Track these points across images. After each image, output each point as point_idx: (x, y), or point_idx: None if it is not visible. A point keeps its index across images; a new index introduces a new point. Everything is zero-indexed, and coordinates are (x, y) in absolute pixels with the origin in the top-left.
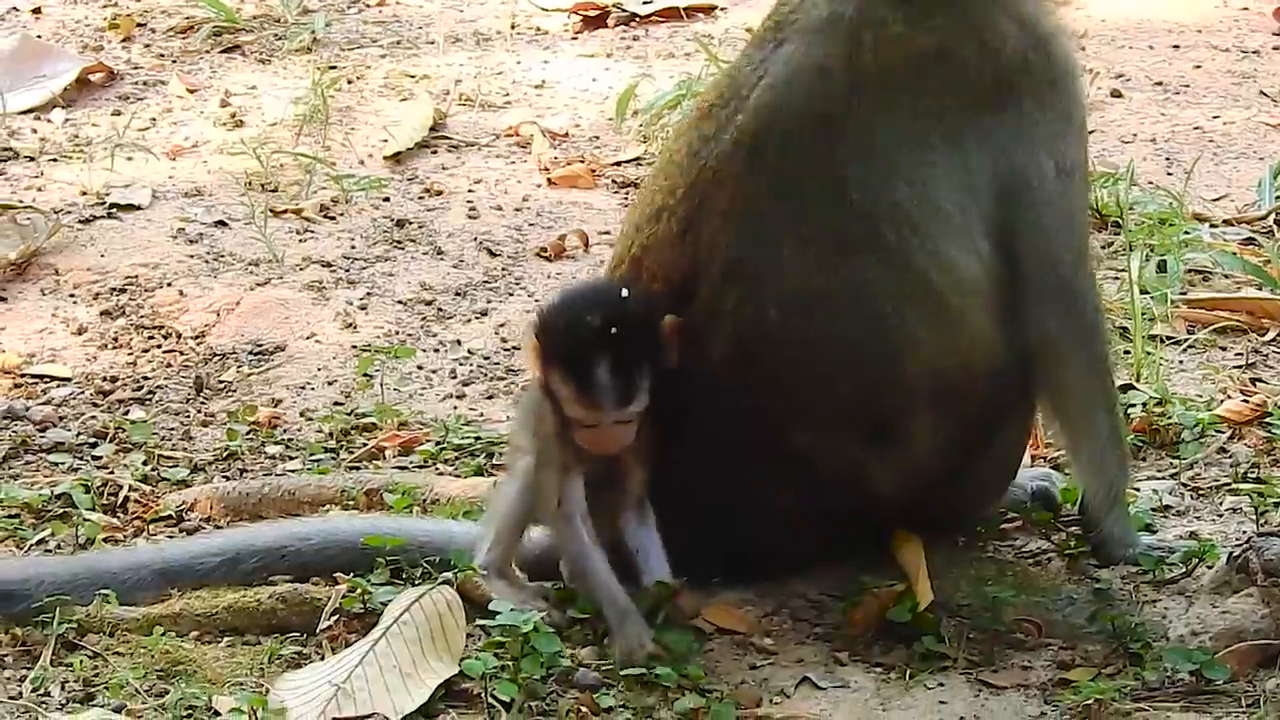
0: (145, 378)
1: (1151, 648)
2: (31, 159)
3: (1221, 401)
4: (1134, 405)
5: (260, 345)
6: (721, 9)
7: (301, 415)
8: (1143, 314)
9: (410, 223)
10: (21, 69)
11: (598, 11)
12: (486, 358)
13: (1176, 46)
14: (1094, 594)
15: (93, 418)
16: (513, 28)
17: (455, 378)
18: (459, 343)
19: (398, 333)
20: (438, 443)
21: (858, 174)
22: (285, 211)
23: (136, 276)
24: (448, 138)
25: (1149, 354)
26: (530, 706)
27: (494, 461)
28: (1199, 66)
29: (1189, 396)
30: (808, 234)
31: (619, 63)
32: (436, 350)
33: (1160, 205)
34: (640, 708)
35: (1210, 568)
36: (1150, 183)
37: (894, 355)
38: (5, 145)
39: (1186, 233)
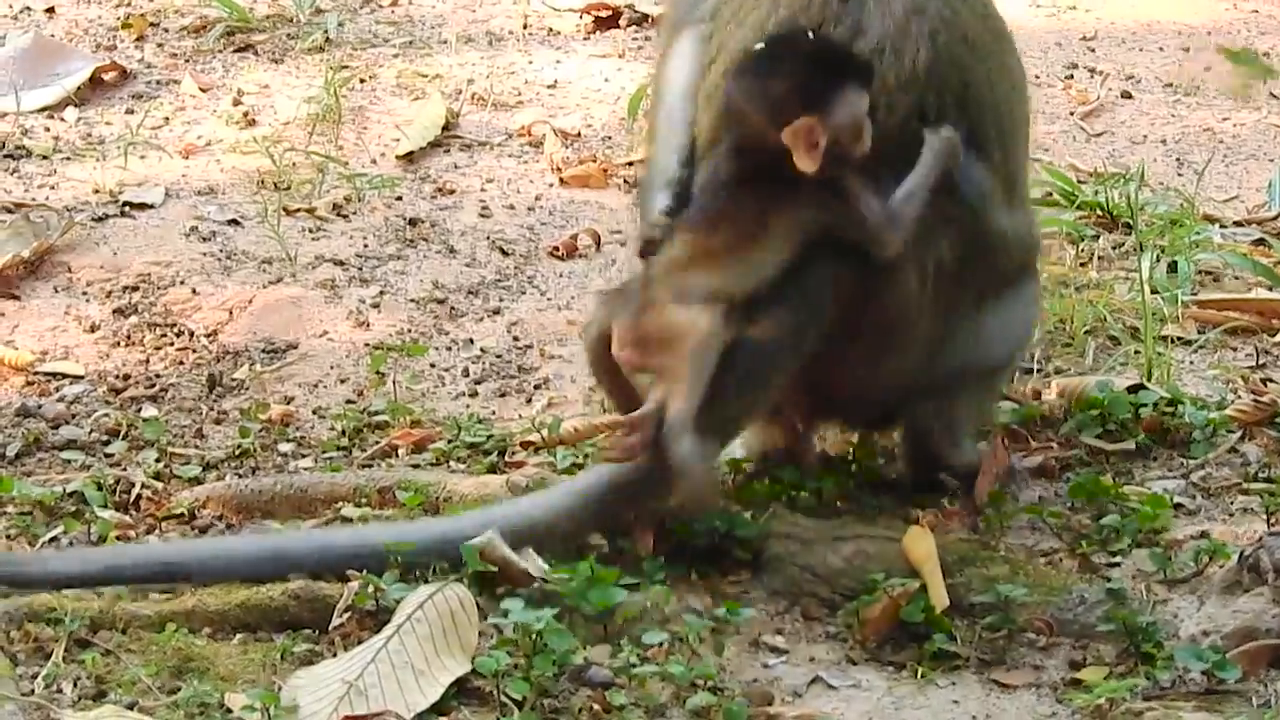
0: (158, 375)
1: (1163, 647)
2: (45, 157)
3: (1232, 401)
4: (1145, 405)
5: (273, 343)
6: None
7: (314, 413)
8: (1153, 314)
9: (423, 221)
10: (35, 68)
11: (610, 12)
12: (499, 356)
13: (1187, 49)
14: (1106, 593)
15: (105, 415)
16: (525, 28)
17: (468, 376)
18: (471, 341)
19: (410, 331)
20: (450, 440)
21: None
22: (298, 210)
23: (149, 274)
24: (460, 137)
25: (1160, 354)
26: (542, 704)
27: (506, 459)
28: (1209, 68)
29: (1200, 396)
30: None
31: (631, 63)
32: (449, 348)
33: (1171, 206)
34: (652, 705)
35: (1222, 567)
36: (1161, 184)
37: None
38: (19, 144)
39: (1197, 234)
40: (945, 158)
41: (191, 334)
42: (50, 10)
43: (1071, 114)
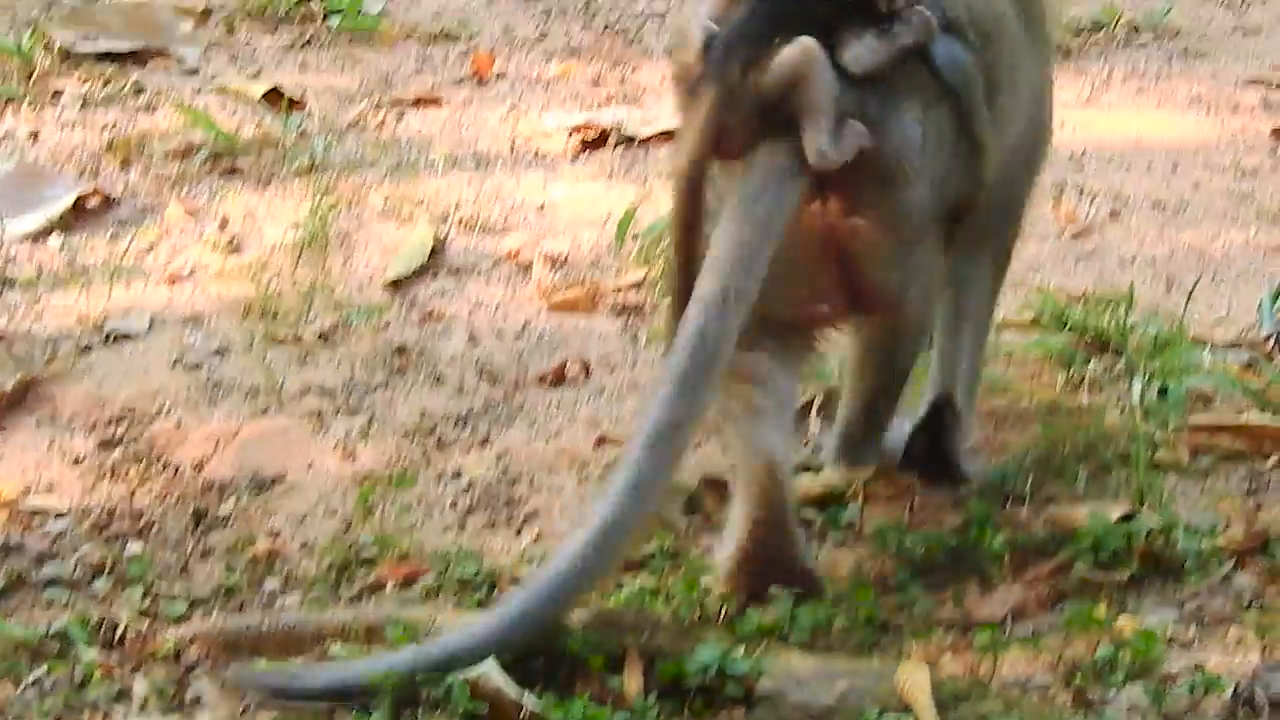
0: (143, 510)
1: None
2: (29, 286)
3: (1225, 529)
4: (1137, 534)
5: (259, 476)
6: None
7: (301, 548)
8: (1145, 440)
9: (410, 349)
10: (19, 194)
11: (597, 133)
12: (487, 487)
13: (1175, 166)
14: None
15: (90, 551)
16: (512, 150)
17: (456, 508)
18: (459, 473)
19: (398, 462)
20: (439, 575)
21: None
22: (285, 338)
23: (134, 406)
24: (447, 262)
25: (1152, 481)
26: None
27: (494, 595)
28: (1197, 186)
29: (1193, 524)
30: None
31: (619, 185)
32: (437, 479)
33: (1160, 328)
34: None
35: (1217, 700)
36: (1151, 305)
37: None
38: (1, 273)
39: (1187, 357)
40: (915, 29)
41: (177, 467)
42: (34, 135)
43: (1061, 234)
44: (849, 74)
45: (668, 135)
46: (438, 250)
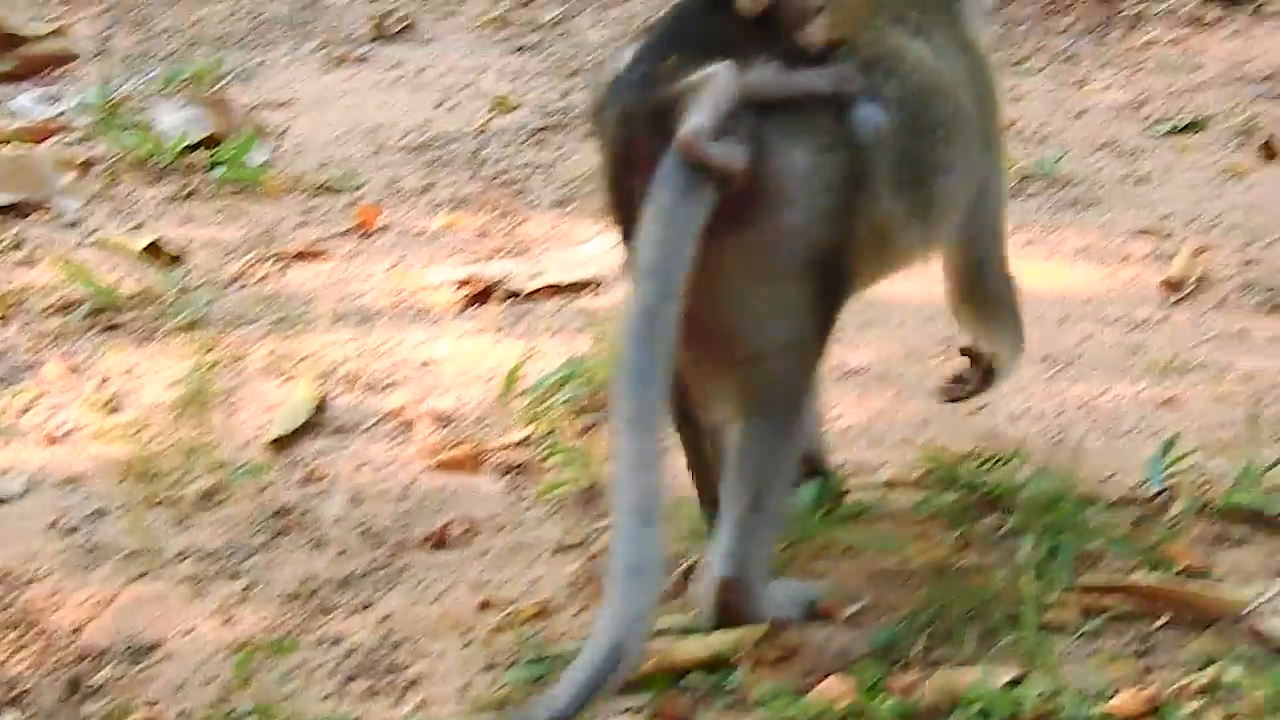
0: (17, 678)
1: None
2: None
3: (1114, 693)
4: (1025, 698)
5: (137, 642)
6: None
7: (178, 717)
8: (1034, 600)
9: (292, 510)
10: None
11: (483, 287)
12: (369, 653)
13: (1064, 319)
14: None
15: None
16: (395, 305)
17: (336, 675)
18: (340, 639)
19: (278, 627)
20: None
21: None
22: (163, 500)
23: (9, 570)
24: (331, 420)
25: (1041, 643)
26: None
27: None
28: (1087, 339)
29: (1082, 688)
30: None
31: (505, 340)
32: (318, 645)
33: (1049, 485)
34: None
35: None
36: (1041, 461)
37: None
38: None
39: (1077, 515)
40: (837, 79)
41: (53, 634)
42: None
43: None
44: (747, 98)
45: (554, 289)
46: (321, 408)
